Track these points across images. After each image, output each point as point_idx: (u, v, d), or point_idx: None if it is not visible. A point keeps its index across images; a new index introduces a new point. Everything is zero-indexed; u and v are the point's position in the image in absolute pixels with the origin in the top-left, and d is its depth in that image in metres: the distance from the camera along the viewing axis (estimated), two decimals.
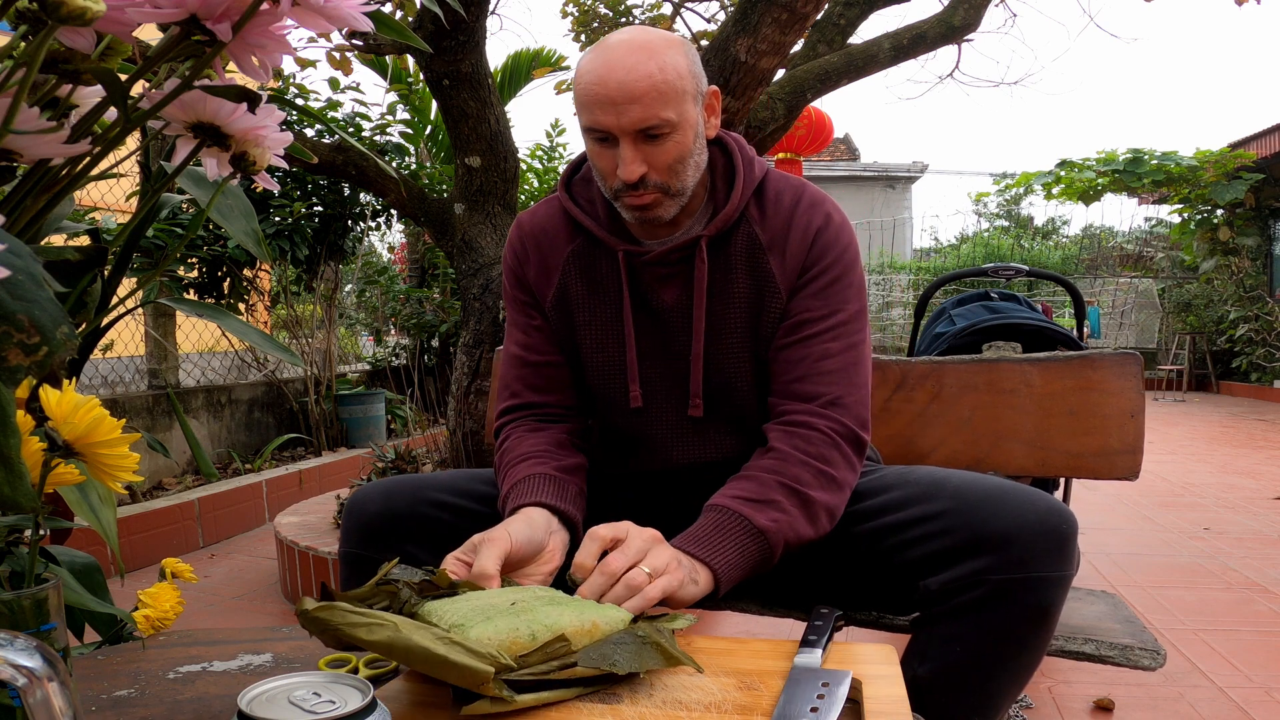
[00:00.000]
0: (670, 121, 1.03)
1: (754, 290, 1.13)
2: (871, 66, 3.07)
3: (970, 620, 0.95)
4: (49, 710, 0.39)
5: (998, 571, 0.93)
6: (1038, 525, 0.94)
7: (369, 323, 6.20)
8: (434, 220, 2.95)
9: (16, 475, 0.39)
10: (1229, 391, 9.94)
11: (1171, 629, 2.32)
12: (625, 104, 1.01)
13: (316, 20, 0.52)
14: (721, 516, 1.00)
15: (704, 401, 1.15)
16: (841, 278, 1.12)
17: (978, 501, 0.97)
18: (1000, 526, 0.94)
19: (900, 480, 1.08)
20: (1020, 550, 0.93)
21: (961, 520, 0.97)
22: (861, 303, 1.14)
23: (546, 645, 0.69)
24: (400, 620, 0.65)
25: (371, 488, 1.15)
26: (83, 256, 0.60)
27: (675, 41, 1.06)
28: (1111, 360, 1.38)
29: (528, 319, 1.22)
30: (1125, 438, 1.35)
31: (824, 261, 1.12)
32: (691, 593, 0.92)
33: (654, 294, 1.16)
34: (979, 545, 0.94)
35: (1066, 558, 0.95)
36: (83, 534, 2.48)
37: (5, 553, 0.61)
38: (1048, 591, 0.94)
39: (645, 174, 1.05)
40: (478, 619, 0.71)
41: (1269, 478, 4.63)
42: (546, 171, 5.89)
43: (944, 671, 0.96)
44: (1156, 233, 12.57)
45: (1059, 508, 0.97)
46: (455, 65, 2.69)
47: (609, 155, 1.07)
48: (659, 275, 1.15)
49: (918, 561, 0.99)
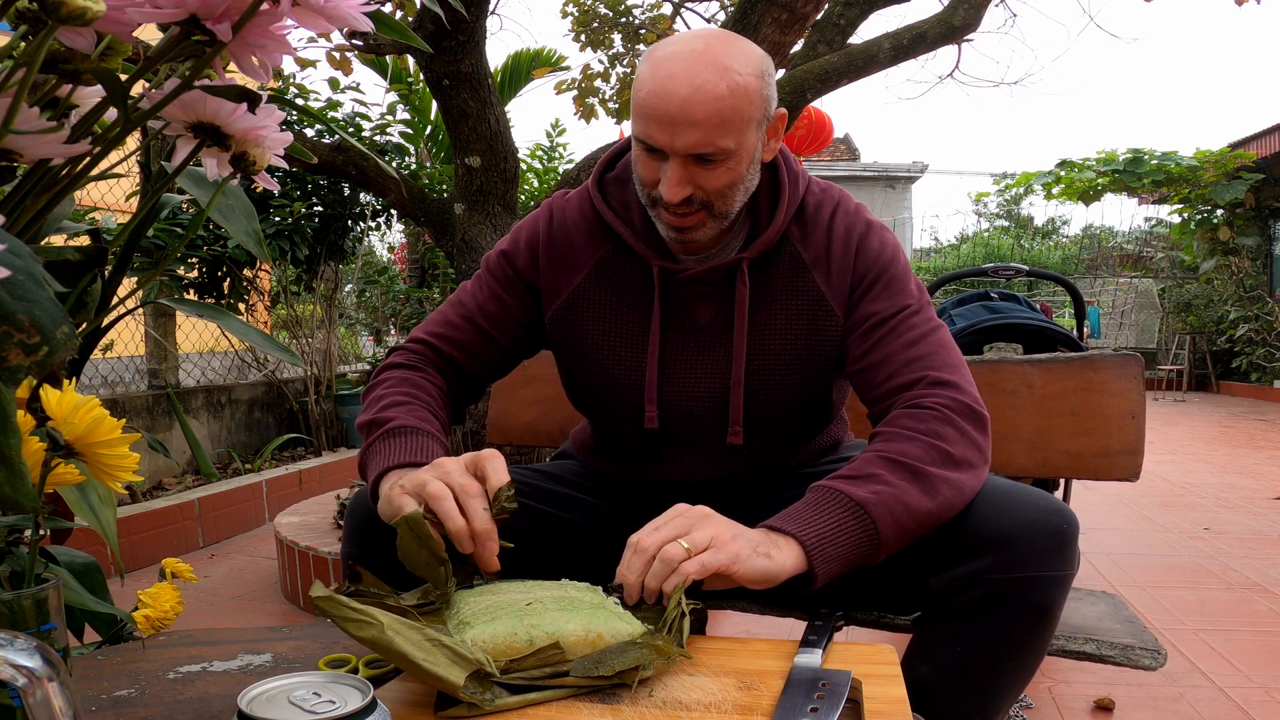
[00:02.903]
0: (727, 150, 0.95)
1: (801, 311, 1.08)
2: (871, 66, 3.07)
3: (972, 620, 0.94)
4: (49, 710, 0.39)
5: (999, 571, 0.92)
6: (1039, 525, 0.93)
7: (369, 323, 6.20)
8: (434, 220, 2.95)
9: (17, 475, 0.39)
10: (1229, 391, 9.94)
11: (1171, 629, 2.32)
12: (684, 126, 0.93)
13: (316, 20, 0.52)
14: (815, 494, 0.92)
15: (743, 428, 1.10)
16: (897, 276, 1.07)
17: (980, 502, 0.97)
18: (1001, 526, 0.94)
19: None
20: (1021, 550, 0.92)
21: (964, 520, 0.96)
22: (924, 292, 1.08)
23: (540, 651, 0.69)
24: (390, 620, 0.65)
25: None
26: (83, 256, 0.60)
27: (754, 58, 0.97)
28: (1112, 361, 1.38)
29: (502, 290, 1.15)
30: (1126, 438, 1.35)
31: (875, 269, 1.07)
32: (760, 565, 0.84)
33: (688, 312, 1.10)
34: (981, 545, 0.94)
35: (1067, 558, 0.94)
36: (83, 534, 2.48)
37: (5, 553, 0.61)
38: (1048, 591, 0.93)
39: (691, 194, 0.98)
40: (484, 619, 0.72)
41: (1269, 478, 4.63)
42: (546, 171, 5.88)
43: (946, 671, 0.96)
44: (1156, 233, 12.57)
45: (1060, 508, 0.96)
46: (455, 65, 2.69)
47: (654, 166, 0.99)
48: (695, 294, 1.09)
49: (922, 561, 0.99)
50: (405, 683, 0.74)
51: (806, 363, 1.09)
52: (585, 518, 1.19)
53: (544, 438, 1.62)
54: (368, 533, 1.06)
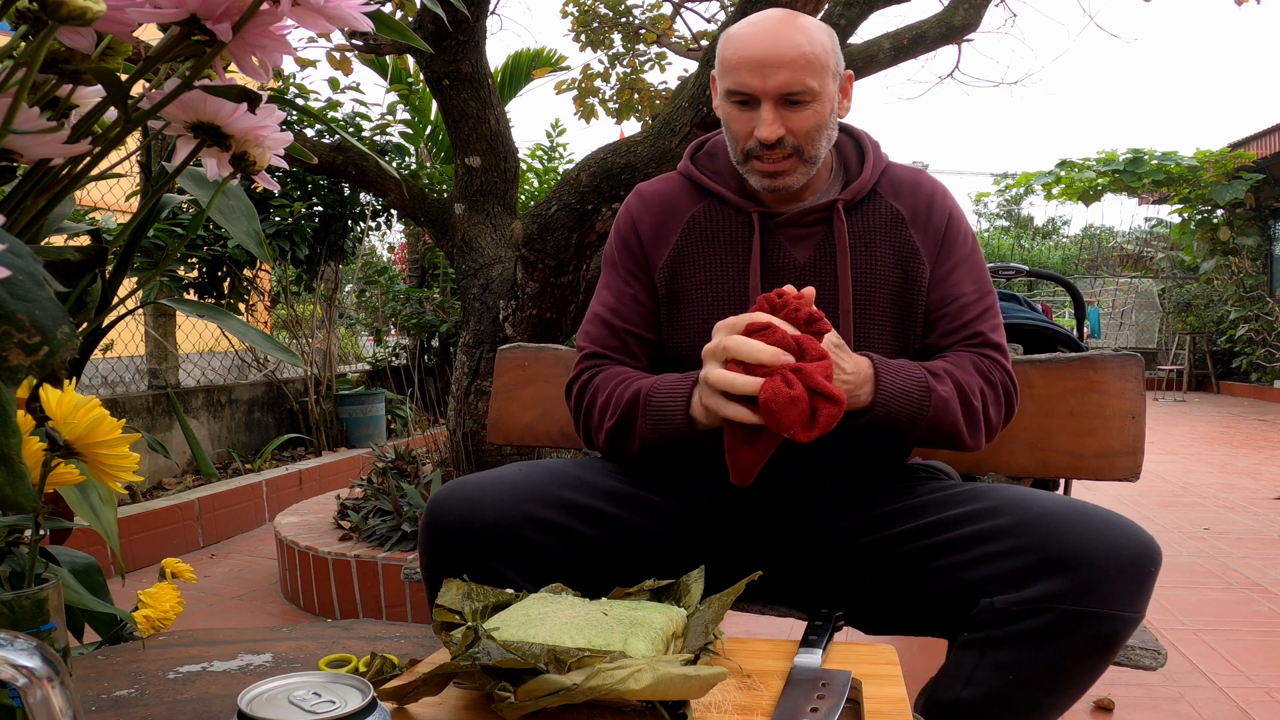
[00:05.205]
0: (812, 90, 1.06)
1: (898, 262, 1.15)
2: (871, 66, 3.07)
3: (1029, 648, 0.90)
4: (49, 710, 0.39)
5: (1069, 599, 0.87)
6: (1123, 552, 0.88)
7: (369, 323, 6.19)
8: (434, 220, 2.95)
9: (17, 475, 0.39)
10: (1229, 391, 9.94)
11: (1171, 629, 2.32)
12: (772, 68, 1.05)
13: (316, 20, 0.52)
14: (904, 361, 1.07)
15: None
16: (971, 241, 1.19)
17: (1052, 519, 0.92)
18: (1080, 546, 0.89)
19: (953, 499, 1.03)
20: (1096, 575, 0.87)
21: (1033, 538, 0.91)
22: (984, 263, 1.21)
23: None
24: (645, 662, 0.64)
25: (452, 493, 1.06)
26: (83, 256, 0.60)
27: (820, 24, 1.10)
28: (1112, 362, 1.38)
29: (624, 285, 1.21)
30: (1126, 439, 1.35)
31: (960, 237, 1.17)
32: (842, 377, 0.97)
33: (786, 253, 1.16)
34: (1052, 565, 0.89)
35: (1143, 597, 0.89)
36: (83, 534, 2.48)
37: (5, 553, 0.61)
38: (1117, 630, 0.88)
39: (783, 136, 1.08)
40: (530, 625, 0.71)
41: (1269, 478, 4.63)
42: (546, 171, 5.89)
43: (989, 697, 0.92)
44: (1156, 233, 12.57)
45: (1146, 538, 0.91)
46: (455, 65, 2.69)
47: (747, 118, 1.09)
48: (792, 236, 1.16)
49: (979, 582, 0.94)
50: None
51: (900, 308, 1.16)
52: (652, 521, 1.14)
53: (544, 438, 1.61)
54: (449, 551, 1.03)
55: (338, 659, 0.84)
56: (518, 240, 2.52)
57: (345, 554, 2.47)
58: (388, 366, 5.79)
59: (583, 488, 1.08)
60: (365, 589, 2.45)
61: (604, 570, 1.07)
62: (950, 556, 0.98)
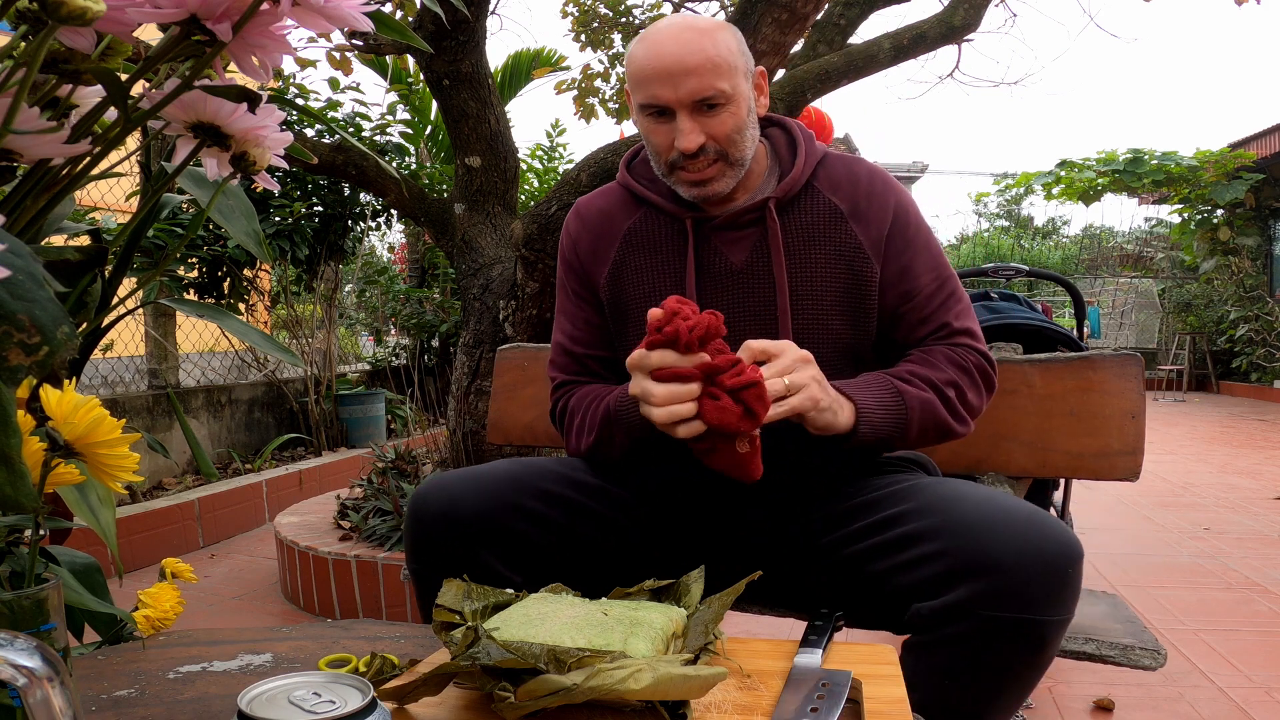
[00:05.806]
0: (725, 93, 1.05)
1: (841, 259, 1.13)
2: (871, 66, 3.07)
3: (957, 653, 0.89)
4: (49, 710, 0.39)
5: (987, 605, 0.86)
6: (1035, 555, 0.86)
7: (369, 323, 6.19)
8: (434, 220, 2.95)
9: (17, 475, 0.39)
10: (1229, 391, 9.94)
11: (1171, 629, 2.32)
12: (681, 76, 1.04)
13: (316, 20, 0.52)
14: (867, 376, 1.08)
15: None
16: (922, 229, 1.16)
17: (972, 521, 0.91)
18: (993, 550, 0.87)
19: (891, 497, 1.03)
20: (1013, 581, 0.86)
21: (954, 541, 0.90)
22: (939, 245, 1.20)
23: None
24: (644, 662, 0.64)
25: (436, 487, 1.08)
26: (83, 256, 0.60)
27: (722, 24, 1.09)
28: (1112, 361, 1.38)
29: (577, 309, 1.23)
30: (1126, 439, 1.35)
31: (909, 227, 1.15)
32: (828, 420, 0.98)
33: (723, 257, 1.14)
34: (970, 570, 0.88)
35: (1066, 599, 0.87)
36: (83, 534, 2.48)
37: (5, 553, 0.61)
38: (1043, 633, 0.87)
39: (704, 143, 1.06)
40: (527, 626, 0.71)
41: (1269, 478, 4.63)
42: (546, 171, 5.89)
43: (933, 701, 0.92)
44: (1156, 233, 12.57)
45: (1063, 536, 0.89)
46: (455, 65, 2.69)
47: (666, 129, 1.08)
48: (728, 239, 1.14)
49: (910, 586, 0.93)
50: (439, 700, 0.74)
51: (847, 306, 1.13)
52: (627, 518, 1.16)
53: (544, 438, 1.61)
54: (431, 542, 1.06)
55: (338, 659, 0.84)
56: (518, 240, 2.52)
57: (345, 554, 2.47)
58: (388, 366, 5.79)
59: (559, 479, 1.12)
60: (365, 589, 2.45)
61: (587, 554, 1.11)
62: (886, 559, 0.98)
